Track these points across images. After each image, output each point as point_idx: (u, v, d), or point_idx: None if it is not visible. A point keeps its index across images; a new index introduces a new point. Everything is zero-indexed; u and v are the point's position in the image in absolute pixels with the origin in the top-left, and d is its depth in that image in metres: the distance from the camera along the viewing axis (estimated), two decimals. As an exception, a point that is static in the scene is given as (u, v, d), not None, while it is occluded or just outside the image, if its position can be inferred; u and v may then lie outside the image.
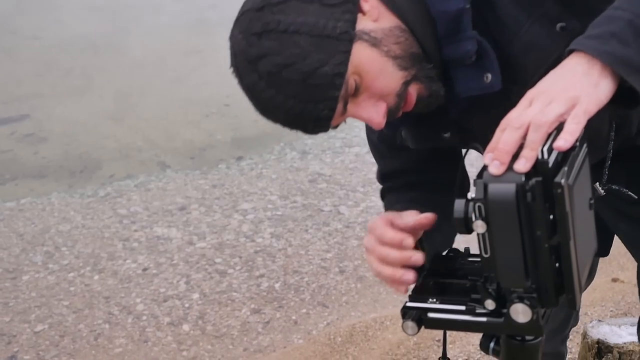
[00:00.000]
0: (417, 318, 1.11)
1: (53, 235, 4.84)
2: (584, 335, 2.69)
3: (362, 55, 1.19)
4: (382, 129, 1.30)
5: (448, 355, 1.27)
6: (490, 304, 1.04)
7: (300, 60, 1.17)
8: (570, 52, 1.07)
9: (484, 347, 1.16)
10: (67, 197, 5.42)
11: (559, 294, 1.02)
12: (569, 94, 1.01)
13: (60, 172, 5.91)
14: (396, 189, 1.62)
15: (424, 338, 3.42)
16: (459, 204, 1.01)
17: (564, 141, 0.98)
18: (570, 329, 2.34)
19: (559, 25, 1.12)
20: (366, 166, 5.65)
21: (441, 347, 1.22)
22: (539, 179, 0.95)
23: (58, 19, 9.94)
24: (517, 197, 0.95)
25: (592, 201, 1.09)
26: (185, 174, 5.73)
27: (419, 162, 1.55)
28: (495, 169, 0.98)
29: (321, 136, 6.19)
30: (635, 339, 2.43)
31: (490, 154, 0.99)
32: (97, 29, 9.43)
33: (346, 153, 5.95)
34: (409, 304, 1.14)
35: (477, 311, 1.07)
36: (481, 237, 1.00)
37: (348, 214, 4.98)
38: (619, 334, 2.67)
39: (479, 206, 0.97)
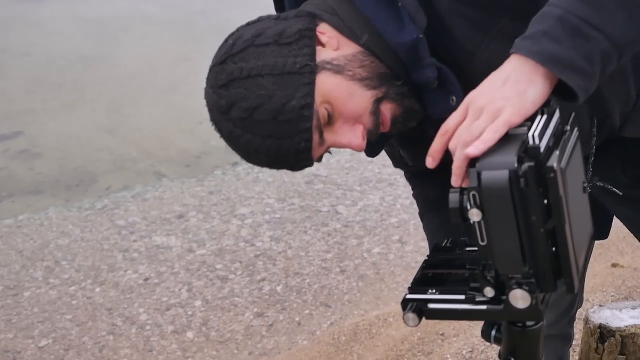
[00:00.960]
0: (418, 309, 1.11)
1: (52, 249, 4.84)
2: (586, 321, 2.70)
3: (327, 84, 1.22)
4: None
5: (452, 350, 1.28)
6: (489, 292, 1.04)
7: (267, 101, 1.20)
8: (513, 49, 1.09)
9: (485, 335, 1.17)
10: (64, 211, 5.42)
11: (557, 278, 1.02)
12: (495, 105, 1.04)
13: (56, 186, 5.90)
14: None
15: (428, 332, 3.42)
16: (453, 194, 1.01)
17: (474, 148, 1.01)
18: (576, 309, 2.35)
19: (517, 40, 1.12)
20: (362, 165, 5.67)
21: (445, 341, 1.23)
22: (532, 164, 0.95)
23: (46, 34, 9.93)
24: (510, 183, 0.95)
25: (585, 184, 1.10)
26: (181, 182, 5.73)
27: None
28: (428, 163, 1.10)
29: (315, 137, 6.20)
30: (638, 321, 2.44)
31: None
32: (86, 41, 9.44)
33: (341, 153, 5.95)
34: (409, 296, 1.14)
35: (477, 299, 1.07)
36: (477, 225, 1.00)
37: (346, 214, 4.98)
38: (621, 318, 2.67)
39: (473, 194, 0.97)
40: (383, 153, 1.53)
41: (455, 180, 1.04)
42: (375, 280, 4.25)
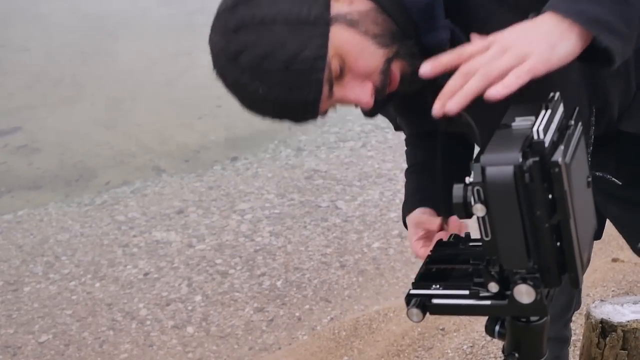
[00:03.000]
0: (422, 305, 1.11)
1: (52, 245, 4.84)
2: (587, 316, 2.70)
3: (341, 37, 1.19)
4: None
5: (453, 345, 1.28)
6: (493, 287, 1.04)
7: (279, 49, 1.16)
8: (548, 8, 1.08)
9: (489, 330, 1.15)
10: (64, 207, 5.42)
11: (561, 273, 1.02)
12: (523, 49, 1.03)
13: (55, 182, 5.90)
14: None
15: (428, 327, 3.42)
16: (457, 189, 1.01)
17: (496, 92, 1.00)
18: (573, 312, 2.34)
19: (531, 14, 1.11)
20: (361, 160, 5.66)
21: (446, 336, 1.23)
22: (536, 159, 0.95)
23: (45, 30, 9.92)
24: (515, 179, 0.95)
25: (589, 179, 1.10)
26: (180, 177, 5.72)
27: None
28: (435, 110, 1.05)
29: (315, 132, 6.20)
30: (639, 316, 2.44)
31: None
32: (85, 37, 9.43)
33: (341, 148, 5.95)
34: (413, 291, 1.14)
35: (481, 295, 1.07)
36: (481, 221, 0.99)
37: (346, 209, 4.98)
38: (622, 313, 2.67)
39: (477, 189, 0.97)
40: (382, 147, 1.54)
41: (454, 104, 1.04)
42: (375, 275, 4.25)
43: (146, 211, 5.18)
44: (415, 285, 1.15)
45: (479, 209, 0.98)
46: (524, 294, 1.01)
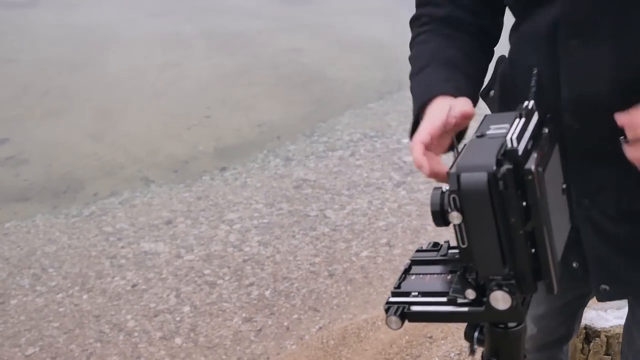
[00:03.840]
0: (400, 312, 1.11)
1: (39, 257, 4.82)
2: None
3: None
4: None
5: (440, 352, 1.28)
6: (470, 294, 1.05)
7: None
8: None
9: (468, 337, 1.16)
10: (51, 218, 5.39)
11: (537, 279, 1.03)
12: None
13: (43, 193, 5.87)
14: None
15: (416, 335, 3.42)
16: (434, 196, 1.03)
17: None
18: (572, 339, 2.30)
19: None
20: (350, 169, 5.66)
21: (433, 344, 1.22)
22: (510, 166, 0.96)
23: (34, 41, 9.90)
24: (489, 186, 0.96)
25: (564, 186, 1.11)
26: (169, 187, 5.71)
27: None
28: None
29: (304, 141, 6.22)
30: (622, 322, 2.44)
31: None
32: (73, 48, 9.41)
33: (329, 157, 5.96)
34: (392, 299, 1.14)
35: (459, 301, 1.08)
36: (457, 228, 1.01)
37: (334, 218, 4.98)
38: (606, 318, 2.69)
39: (453, 197, 0.98)
40: (370, 156, 1.50)
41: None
42: (363, 284, 4.25)
43: (134, 222, 5.16)
44: (394, 293, 1.16)
45: (455, 217, 0.99)
46: (500, 300, 1.02)
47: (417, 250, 1.30)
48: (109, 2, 11.48)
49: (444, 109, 1.26)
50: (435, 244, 1.29)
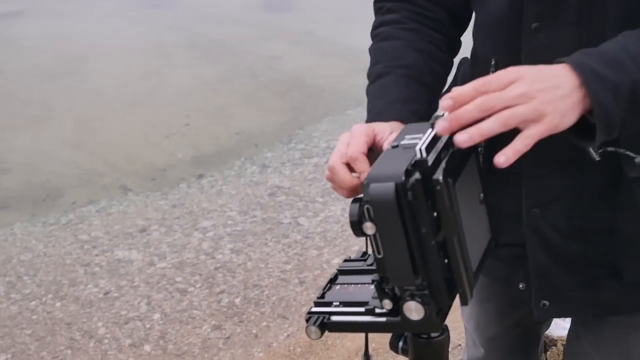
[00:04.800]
0: (320, 322, 1.12)
1: (15, 265, 4.86)
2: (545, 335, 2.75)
3: None
4: None
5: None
6: (387, 304, 1.05)
7: None
8: (578, 65, 1.04)
9: (393, 346, 1.18)
10: (29, 227, 5.43)
11: (451, 290, 1.03)
12: (543, 107, 1.00)
13: (22, 201, 5.92)
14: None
15: (383, 344, 3.44)
16: (353, 207, 1.02)
17: (506, 158, 0.98)
18: None
19: (563, 59, 1.07)
20: (324, 176, 5.71)
21: (400, 355, 1.24)
22: (418, 177, 0.96)
23: (16, 52, 9.93)
24: (397, 196, 0.96)
25: (482, 196, 1.11)
26: (146, 195, 5.76)
27: None
28: (441, 128, 1.00)
29: (281, 148, 6.26)
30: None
31: (446, 112, 1.00)
32: (56, 58, 9.44)
33: (305, 164, 6.01)
34: (313, 309, 1.15)
35: (377, 311, 1.08)
36: (372, 239, 1.01)
37: (307, 225, 5.03)
38: (563, 327, 2.72)
39: (367, 208, 0.99)
40: None
41: (449, 128, 0.99)
42: (332, 291, 4.29)
43: (109, 230, 5.20)
44: (317, 303, 1.17)
45: (369, 227, 0.99)
46: (413, 310, 1.02)
47: (345, 260, 1.29)
48: (93, 12, 11.52)
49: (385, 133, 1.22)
50: (364, 254, 1.28)
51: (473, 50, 1.43)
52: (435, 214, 0.98)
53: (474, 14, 1.42)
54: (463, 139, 0.97)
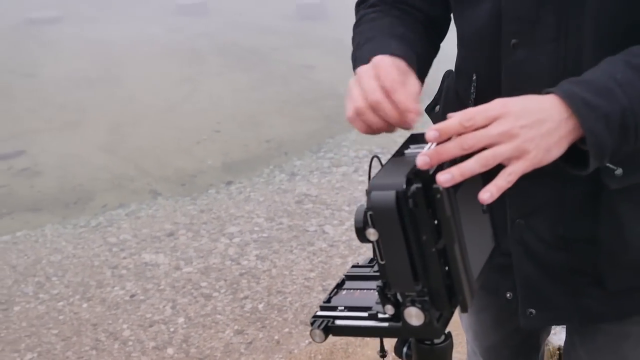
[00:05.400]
0: (324, 326, 1.14)
1: (44, 265, 4.94)
2: (546, 343, 2.75)
3: None
4: None
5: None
6: (389, 309, 1.06)
7: None
8: (567, 95, 1.04)
9: (398, 352, 1.20)
10: (60, 229, 5.52)
11: (451, 297, 1.05)
12: (525, 144, 1.00)
13: (54, 204, 6.02)
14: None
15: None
16: (358, 213, 1.04)
17: (490, 195, 0.98)
18: None
19: (549, 90, 1.07)
20: (352, 185, 5.73)
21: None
22: (419, 185, 0.98)
23: (54, 56, 10.11)
24: (397, 204, 0.98)
25: (484, 205, 1.12)
26: (175, 200, 5.82)
27: None
28: (421, 163, 0.99)
29: (310, 157, 6.28)
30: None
31: (428, 144, 1.01)
32: (92, 63, 9.59)
33: (333, 173, 6.03)
34: (319, 313, 1.18)
35: (380, 316, 1.10)
36: (375, 245, 1.03)
37: (333, 233, 5.05)
38: (559, 337, 2.72)
39: (370, 214, 1.00)
40: (373, 172, 1.29)
41: (429, 162, 0.99)
42: (355, 299, 4.30)
43: (138, 233, 5.27)
44: (322, 307, 1.19)
45: (372, 234, 1.01)
46: (413, 316, 1.04)
47: (353, 266, 1.32)
48: (130, 18, 11.68)
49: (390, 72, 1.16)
50: (371, 260, 1.30)
51: (456, 64, 1.45)
52: (436, 221, 1.00)
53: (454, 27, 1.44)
54: (445, 179, 0.97)
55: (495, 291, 1.47)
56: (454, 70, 1.47)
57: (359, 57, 1.29)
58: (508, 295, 1.44)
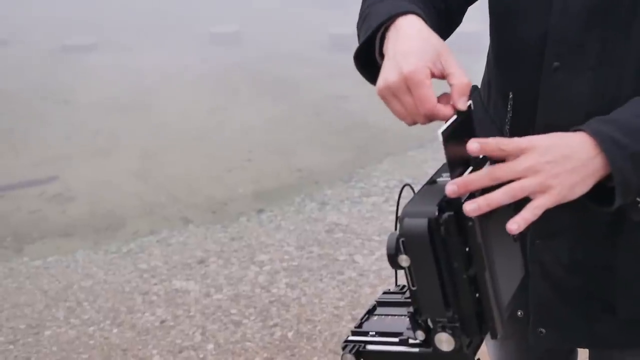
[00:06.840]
0: (356, 351, 1.17)
1: (75, 291, 4.97)
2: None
3: None
4: None
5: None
6: (420, 335, 1.09)
7: None
8: (596, 133, 1.06)
9: None
10: (91, 254, 5.56)
11: (482, 323, 1.06)
12: (549, 180, 1.03)
13: (86, 230, 6.07)
14: None
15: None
16: (390, 240, 1.06)
17: (517, 226, 1.01)
18: None
19: (577, 128, 1.10)
20: (383, 215, 5.71)
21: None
22: (451, 213, 1.00)
23: (89, 83, 10.25)
24: (430, 231, 1.00)
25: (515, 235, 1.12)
26: (206, 228, 5.84)
27: None
28: (449, 191, 1.02)
29: (341, 186, 6.28)
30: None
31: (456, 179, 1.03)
32: (126, 90, 9.70)
33: (364, 203, 6.02)
34: (350, 338, 1.20)
35: (410, 342, 1.12)
36: (407, 271, 1.05)
37: (362, 263, 5.03)
38: None
39: (402, 241, 1.03)
40: (403, 203, 1.17)
41: (458, 191, 1.02)
42: (385, 329, 4.27)
43: (168, 260, 5.29)
44: (354, 332, 1.22)
45: (404, 260, 1.04)
46: (444, 342, 1.05)
47: (384, 292, 1.35)
48: (164, 47, 11.81)
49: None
50: (402, 287, 1.32)
51: (485, 80, 1.46)
52: (467, 249, 1.02)
53: (489, 43, 1.43)
54: (471, 209, 1.00)
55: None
56: (479, 86, 1.43)
57: (373, 13, 1.28)
58: (519, 313, 1.47)
